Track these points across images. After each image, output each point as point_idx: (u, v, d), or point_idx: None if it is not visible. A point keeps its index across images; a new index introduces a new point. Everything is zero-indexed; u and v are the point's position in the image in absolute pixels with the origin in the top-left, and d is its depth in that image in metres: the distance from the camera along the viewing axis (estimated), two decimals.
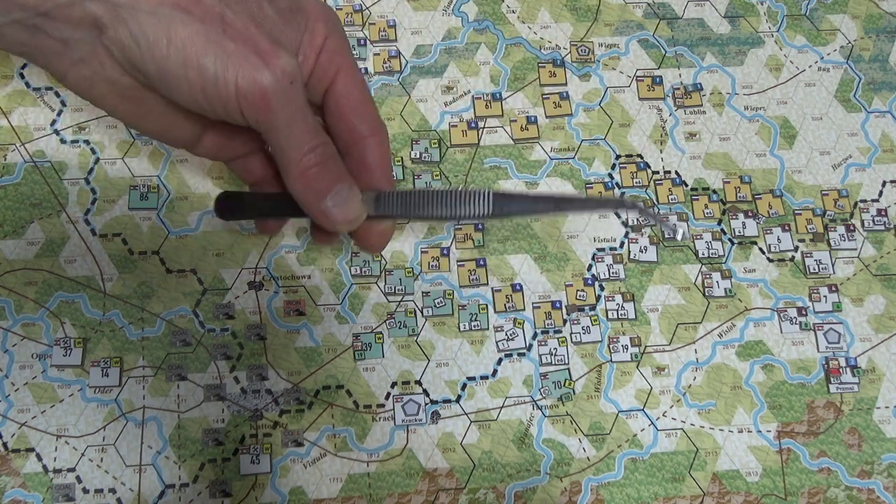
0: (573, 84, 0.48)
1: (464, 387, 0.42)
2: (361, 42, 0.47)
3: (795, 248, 0.46)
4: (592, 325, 0.43)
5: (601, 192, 0.46)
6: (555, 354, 0.43)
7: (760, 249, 0.45)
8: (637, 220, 0.45)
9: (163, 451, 0.40)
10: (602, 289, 0.44)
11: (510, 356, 0.43)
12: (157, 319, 0.42)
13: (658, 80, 0.48)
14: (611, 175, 0.46)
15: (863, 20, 0.50)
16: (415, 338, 0.43)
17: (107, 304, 0.42)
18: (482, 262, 0.44)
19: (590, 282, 0.44)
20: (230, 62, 0.28)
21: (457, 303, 0.43)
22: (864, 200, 0.47)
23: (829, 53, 0.50)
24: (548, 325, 0.43)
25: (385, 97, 0.47)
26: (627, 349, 0.43)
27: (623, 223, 0.45)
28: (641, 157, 0.47)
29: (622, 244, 0.45)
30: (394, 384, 0.42)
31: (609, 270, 0.44)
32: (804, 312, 0.44)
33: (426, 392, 0.42)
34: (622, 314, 0.44)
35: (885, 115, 0.48)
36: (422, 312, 0.43)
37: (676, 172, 0.46)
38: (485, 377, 0.42)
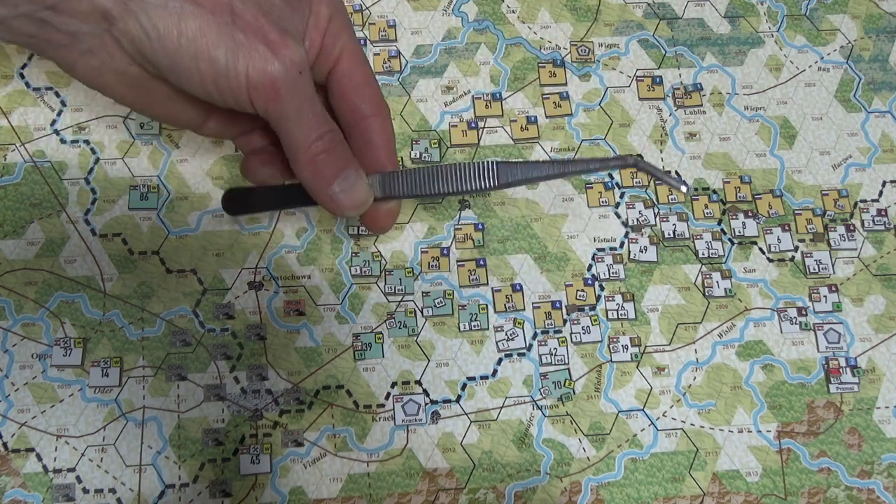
0: (573, 84, 0.48)
1: (464, 387, 0.42)
2: (362, 42, 0.47)
3: (795, 248, 0.46)
4: (592, 325, 0.43)
5: (601, 193, 0.46)
6: (555, 354, 0.43)
7: (760, 249, 0.45)
8: (637, 220, 0.45)
9: (163, 451, 0.40)
10: (602, 289, 0.44)
11: (510, 356, 0.43)
12: (157, 319, 0.42)
13: (658, 80, 0.48)
14: (611, 175, 0.46)
15: (863, 20, 0.50)
16: (415, 338, 0.43)
17: (107, 304, 0.42)
18: (482, 262, 0.44)
19: (590, 282, 0.44)
20: (240, 53, 0.29)
21: (457, 303, 0.43)
22: (864, 200, 0.47)
23: (829, 53, 0.50)
24: (548, 325, 0.43)
25: (385, 97, 0.46)
26: (627, 349, 0.43)
27: (623, 223, 0.45)
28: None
29: (622, 244, 0.45)
30: (394, 384, 0.42)
31: (609, 270, 0.44)
32: (804, 312, 0.44)
33: (426, 392, 0.42)
34: (622, 314, 0.44)
35: (885, 115, 0.48)
36: (422, 312, 0.43)
37: (676, 172, 0.46)
38: (485, 377, 0.42)
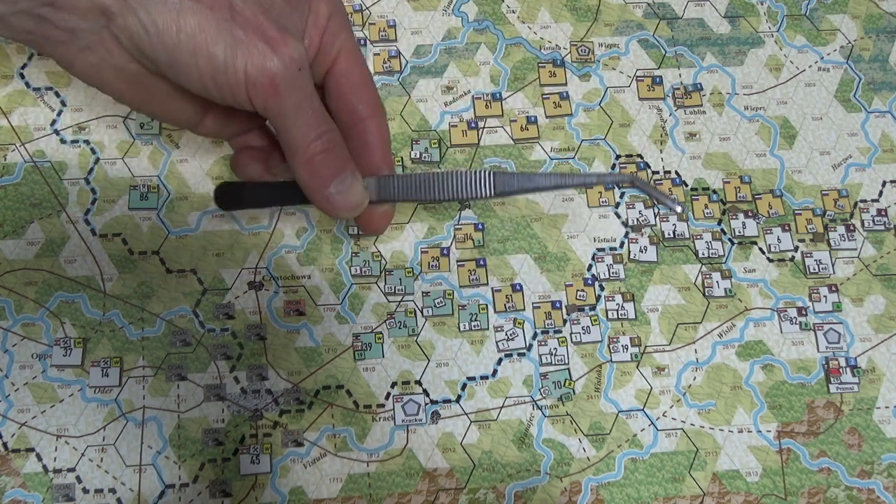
0: (573, 84, 0.48)
1: (464, 387, 0.42)
2: (361, 42, 0.47)
3: (795, 248, 0.46)
4: (592, 325, 0.43)
5: (601, 193, 0.46)
6: (555, 354, 0.43)
7: (760, 249, 0.45)
8: (637, 220, 0.45)
9: (163, 451, 0.40)
10: (602, 289, 0.44)
11: (510, 356, 0.43)
12: (157, 319, 0.42)
13: (658, 80, 0.48)
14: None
15: (863, 20, 0.50)
16: (415, 338, 0.43)
17: (107, 304, 0.42)
18: (482, 262, 0.44)
19: (590, 282, 0.44)
20: (239, 50, 0.29)
21: (457, 303, 0.43)
22: (864, 200, 0.47)
23: (829, 53, 0.50)
24: (548, 325, 0.43)
25: (385, 97, 0.47)
26: (627, 349, 0.43)
27: (623, 223, 0.45)
28: (641, 157, 0.47)
29: (622, 244, 0.45)
30: (394, 384, 0.42)
31: (609, 270, 0.44)
32: (804, 312, 0.44)
33: (426, 392, 0.42)
34: (622, 314, 0.44)
35: (885, 115, 0.48)
36: (422, 312, 0.43)
37: (676, 172, 0.46)
38: (485, 377, 0.42)
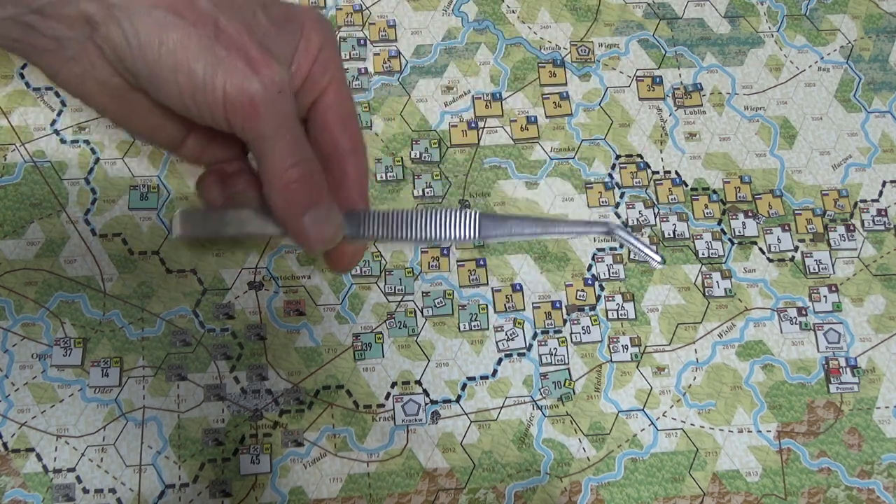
0: (573, 84, 0.48)
1: (464, 387, 0.42)
2: (361, 42, 0.47)
3: (795, 248, 0.46)
4: (592, 325, 0.43)
5: (601, 193, 0.46)
6: (555, 354, 0.43)
7: (760, 249, 0.45)
8: (637, 220, 0.45)
9: (163, 451, 0.40)
10: (602, 289, 0.44)
11: (510, 356, 0.43)
12: (157, 319, 0.42)
13: (658, 80, 0.48)
14: (611, 175, 0.46)
15: (863, 20, 0.50)
16: (415, 338, 0.43)
17: (107, 304, 0.42)
18: (482, 262, 0.44)
19: (590, 282, 0.44)
20: (220, 69, 0.28)
21: (457, 303, 0.43)
22: (864, 200, 0.47)
23: (829, 53, 0.50)
24: (548, 325, 0.43)
25: (385, 97, 0.47)
26: (627, 349, 0.43)
27: (623, 223, 0.45)
28: (641, 157, 0.47)
29: (622, 244, 0.45)
30: (394, 384, 0.42)
31: (609, 270, 0.44)
32: (804, 312, 0.44)
33: (426, 392, 0.42)
34: (622, 314, 0.44)
35: (885, 115, 0.48)
36: (422, 312, 0.43)
37: (676, 172, 0.46)
38: (485, 377, 0.42)
